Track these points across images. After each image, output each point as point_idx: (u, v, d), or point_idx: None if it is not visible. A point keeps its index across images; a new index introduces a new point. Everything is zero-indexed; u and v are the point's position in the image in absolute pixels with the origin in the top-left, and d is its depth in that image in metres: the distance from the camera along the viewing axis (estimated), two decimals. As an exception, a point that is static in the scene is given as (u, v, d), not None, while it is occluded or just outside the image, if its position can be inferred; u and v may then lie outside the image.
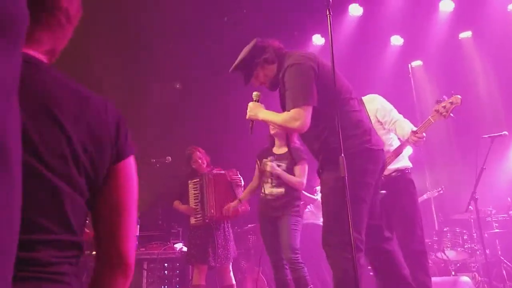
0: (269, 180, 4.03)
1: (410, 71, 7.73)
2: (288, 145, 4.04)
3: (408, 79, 7.63)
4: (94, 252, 4.93)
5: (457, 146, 7.11)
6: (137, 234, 4.97)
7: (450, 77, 7.27)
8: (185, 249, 5.49)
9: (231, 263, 4.54)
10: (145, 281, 5.30)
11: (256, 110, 2.76)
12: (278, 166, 3.99)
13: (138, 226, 4.98)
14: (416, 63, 7.79)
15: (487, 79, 6.94)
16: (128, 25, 6.48)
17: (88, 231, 4.69)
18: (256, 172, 4.25)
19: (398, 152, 3.40)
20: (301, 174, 3.98)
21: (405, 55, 7.46)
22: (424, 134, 3.25)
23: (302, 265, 3.72)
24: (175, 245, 5.42)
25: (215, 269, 4.53)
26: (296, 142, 4.08)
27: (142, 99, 7.16)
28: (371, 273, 5.72)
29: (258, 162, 4.20)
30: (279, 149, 4.12)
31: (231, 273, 4.55)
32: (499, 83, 6.75)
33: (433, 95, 7.55)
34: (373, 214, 2.59)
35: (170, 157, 4.89)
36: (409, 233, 3.29)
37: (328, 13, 2.39)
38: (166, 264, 5.56)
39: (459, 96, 3.19)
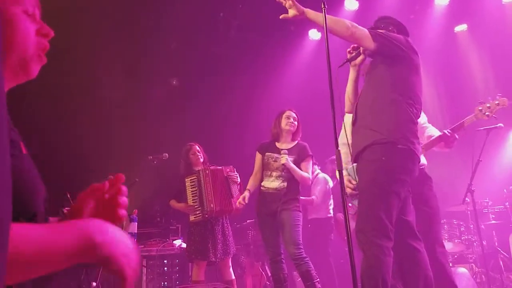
0: (273, 174, 4.03)
1: (406, 65, 7.73)
2: (295, 140, 4.17)
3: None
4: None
5: (453, 139, 7.12)
6: (135, 231, 4.97)
7: (446, 71, 7.29)
8: (184, 245, 5.50)
9: (230, 259, 4.55)
10: (144, 278, 5.31)
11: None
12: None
13: (136, 223, 4.97)
14: (412, 56, 7.79)
15: (482, 72, 6.95)
16: (126, 22, 6.47)
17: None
18: (258, 165, 4.21)
19: (431, 144, 3.50)
20: (308, 170, 4.02)
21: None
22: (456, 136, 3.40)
23: (307, 259, 3.73)
24: (174, 242, 5.43)
25: (215, 265, 4.55)
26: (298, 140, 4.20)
27: (139, 96, 7.16)
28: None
29: (260, 155, 4.20)
30: (284, 144, 4.15)
31: (231, 269, 4.57)
32: (495, 76, 6.77)
33: (430, 88, 7.57)
34: (406, 210, 2.72)
35: (167, 154, 4.89)
36: (435, 226, 3.39)
37: (323, 7, 2.41)
38: (165, 261, 5.58)
39: (506, 99, 3.26)
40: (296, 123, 4.18)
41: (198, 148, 4.74)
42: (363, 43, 2.70)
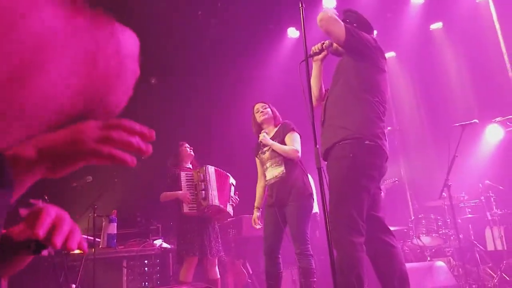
0: (267, 165, 3.91)
1: (384, 62, 7.84)
2: (277, 125, 4.04)
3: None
4: (72, 252, 4.89)
5: (430, 134, 7.26)
6: (115, 232, 4.93)
7: (422, 68, 7.41)
8: (165, 245, 5.47)
9: (216, 259, 4.56)
10: (125, 278, 5.25)
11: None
12: (268, 149, 3.92)
13: (115, 224, 4.93)
14: (389, 54, 7.91)
15: (457, 69, 7.10)
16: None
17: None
18: (259, 171, 4.11)
19: None
20: (293, 142, 3.82)
21: (378, 46, 7.56)
22: None
23: (310, 256, 3.64)
24: (155, 242, 5.39)
25: (202, 265, 4.53)
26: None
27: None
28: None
29: (257, 159, 4.10)
30: (269, 134, 4.02)
31: (216, 268, 4.55)
32: (469, 72, 6.92)
33: (406, 84, 7.69)
34: (377, 206, 2.77)
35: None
36: None
37: (300, 5, 2.42)
38: (146, 261, 5.52)
39: None
40: (267, 109, 4.06)
41: (188, 145, 4.76)
42: (335, 32, 2.73)
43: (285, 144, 3.84)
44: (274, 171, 3.85)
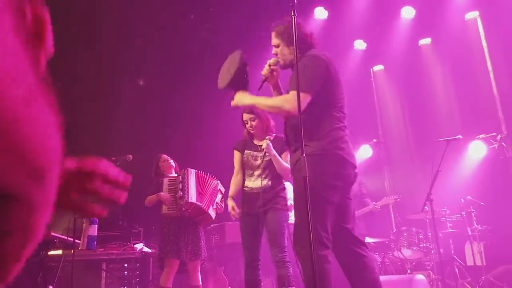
0: (255, 173, 3.84)
1: (372, 75, 7.92)
2: (266, 133, 3.91)
3: (369, 83, 7.82)
4: (50, 252, 4.81)
5: (414, 148, 7.33)
6: (95, 234, 4.86)
7: (410, 82, 7.50)
8: (146, 249, 5.41)
9: (200, 263, 4.49)
10: (103, 281, 5.18)
11: (240, 98, 2.83)
12: (262, 158, 3.82)
13: (96, 225, 4.87)
14: (378, 67, 7.99)
15: (444, 85, 7.19)
16: (95, 20, 6.33)
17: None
18: (238, 165, 3.96)
19: None
20: (288, 163, 3.67)
21: (367, 59, 7.64)
22: None
23: (288, 264, 3.62)
24: (136, 245, 5.33)
25: (184, 269, 4.49)
26: (273, 133, 3.96)
27: (105, 95, 7.01)
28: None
29: (239, 153, 3.96)
30: (259, 143, 3.93)
31: (199, 273, 4.50)
32: (455, 89, 7.02)
33: (393, 98, 7.77)
34: (346, 217, 2.73)
35: (131, 156, 4.81)
36: None
37: (293, 14, 2.43)
38: (125, 265, 5.46)
39: None
40: (254, 122, 3.89)
41: (166, 156, 4.73)
42: (303, 102, 2.52)
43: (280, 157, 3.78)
44: (261, 182, 3.79)
